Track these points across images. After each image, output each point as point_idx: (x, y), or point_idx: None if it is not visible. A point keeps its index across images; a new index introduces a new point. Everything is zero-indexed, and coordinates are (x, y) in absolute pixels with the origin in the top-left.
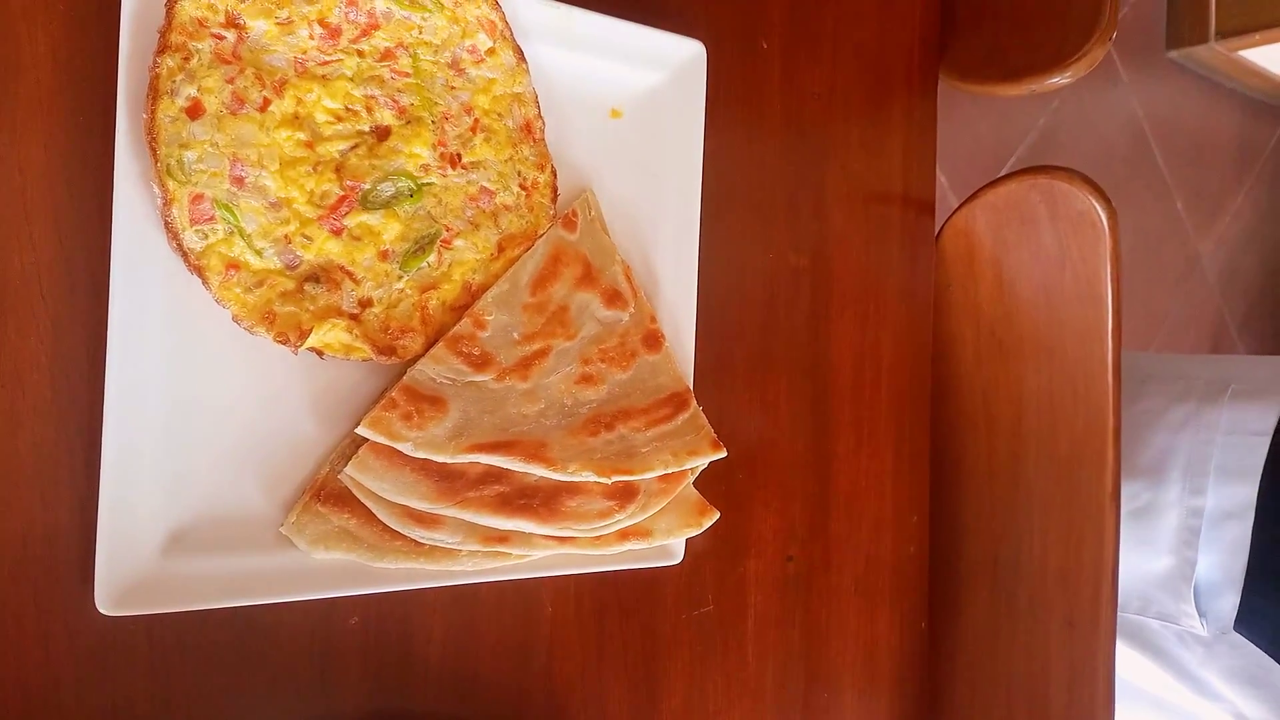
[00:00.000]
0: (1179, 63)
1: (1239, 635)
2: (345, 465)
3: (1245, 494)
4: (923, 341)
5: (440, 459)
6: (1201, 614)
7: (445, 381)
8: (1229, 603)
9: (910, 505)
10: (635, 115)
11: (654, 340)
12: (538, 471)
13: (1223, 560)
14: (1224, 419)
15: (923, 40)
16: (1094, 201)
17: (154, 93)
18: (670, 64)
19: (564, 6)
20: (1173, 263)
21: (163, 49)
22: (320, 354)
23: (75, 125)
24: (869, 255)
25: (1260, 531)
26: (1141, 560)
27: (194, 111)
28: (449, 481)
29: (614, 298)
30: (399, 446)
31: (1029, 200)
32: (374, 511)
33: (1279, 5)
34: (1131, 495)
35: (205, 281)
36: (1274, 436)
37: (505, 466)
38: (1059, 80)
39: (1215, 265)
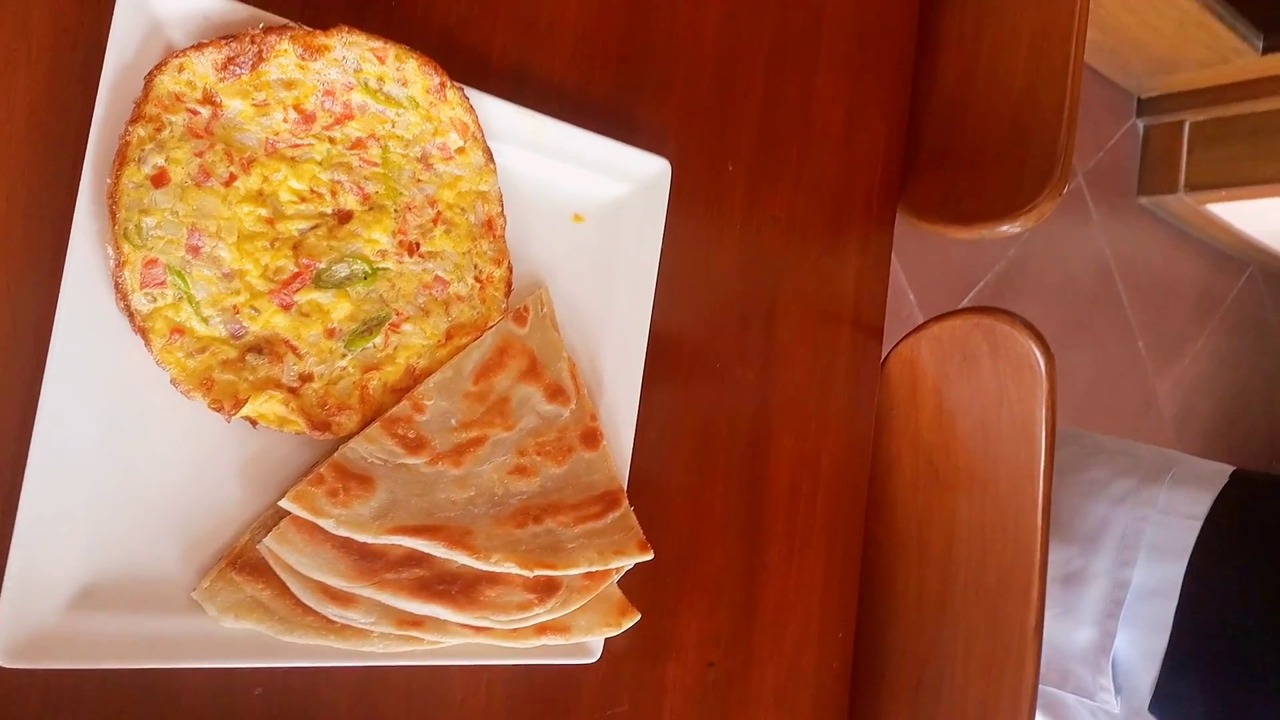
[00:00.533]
0: (1149, 209)
1: (1153, 717)
2: (265, 536)
3: (1172, 574)
4: (861, 462)
5: (362, 538)
6: (1118, 690)
7: (376, 461)
8: (1145, 682)
9: (837, 621)
10: (597, 221)
11: (592, 438)
12: (460, 559)
13: (1143, 637)
14: (1162, 498)
15: (884, 176)
16: (1034, 346)
17: (121, 158)
18: (636, 178)
19: (537, 116)
20: (1131, 399)
21: (136, 118)
22: (254, 423)
23: (39, 180)
24: (815, 373)
25: (1182, 614)
26: (1065, 629)
27: (159, 180)
28: (368, 561)
29: (557, 393)
30: (321, 523)
31: (973, 338)
32: (289, 585)
33: (1245, 165)
34: (1064, 560)
35: (148, 343)
36: (1205, 522)
37: (428, 551)
38: (1008, 229)
39: (1171, 405)
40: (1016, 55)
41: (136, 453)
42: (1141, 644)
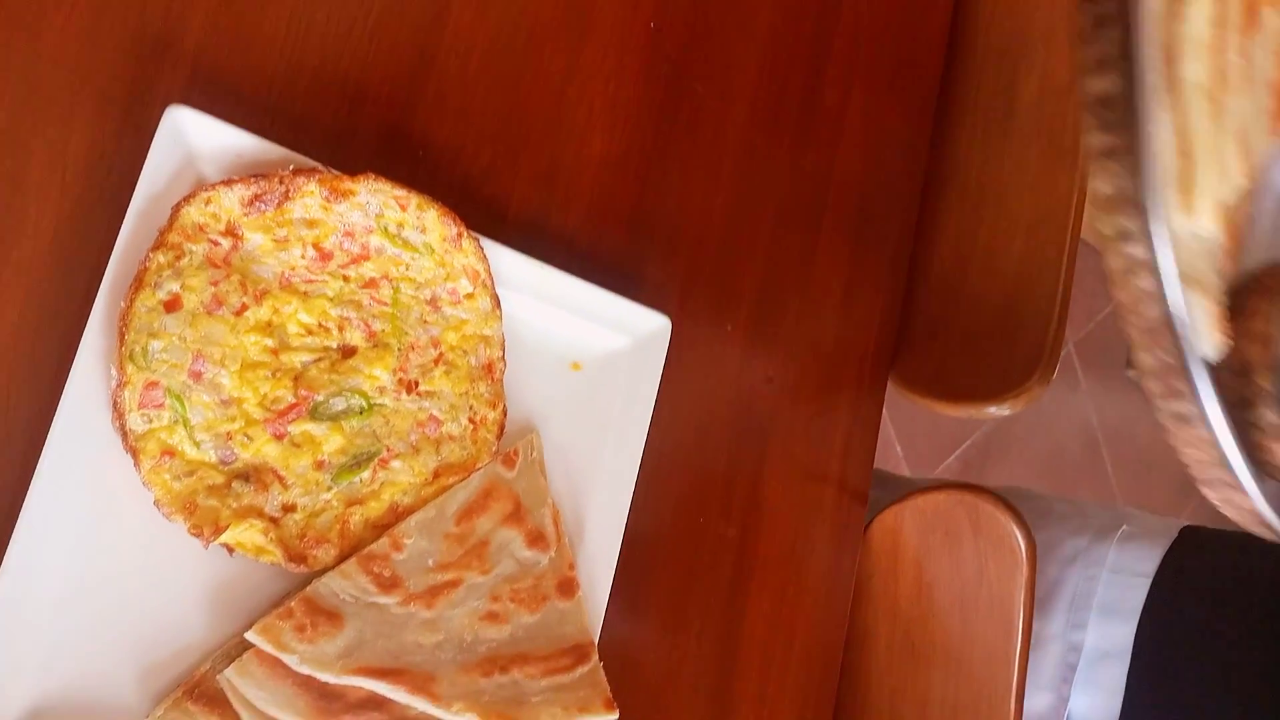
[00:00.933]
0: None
1: None
2: (227, 666)
3: (1123, 635)
4: (838, 629)
5: (324, 677)
6: None
7: (348, 598)
8: None
9: None
10: (594, 371)
11: (568, 587)
12: (420, 705)
13: (1098, 701)
14: (1111, 556)
15: (878, 346)
16: (1016, 530)
17: (138, 282)
18: (636, 332)
19: (546, 268)
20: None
21: (158, 245)
22: (230, 550)
23: (56, 294)
24: (798, 535)
25: (1134, 676)
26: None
27: (171, 305)
28: (328, 701)
29: (537, 539)
30: (285, 658)
31: (956, 514)
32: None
33: None
34: None
35: (137, 463)
36: (1155, 578)
37: (389, 695)
38: (995, 411)
39: None
40: (1013, 241)
41: (109, 570)
42: (1098, 708)
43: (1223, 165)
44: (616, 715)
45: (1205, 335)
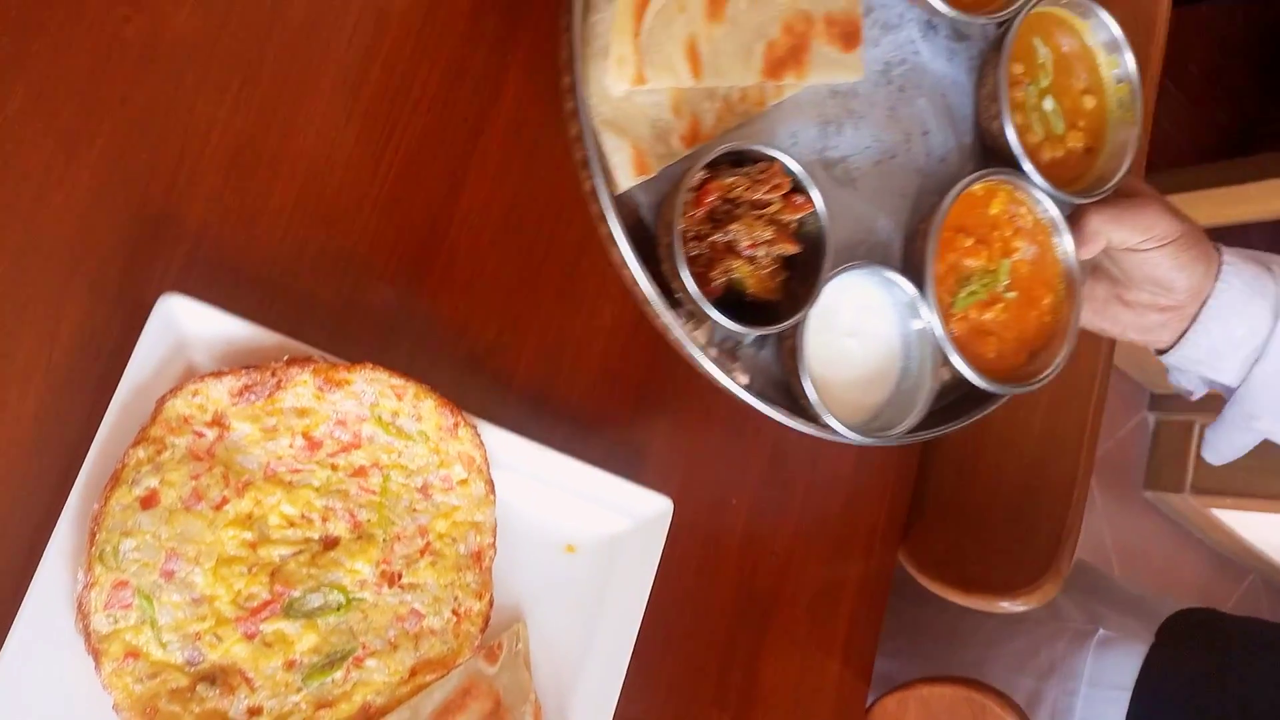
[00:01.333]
0: (1153, 503)
1: None
2: None
3: None
4: None
5: None
6: None
7: None
8: None
9: None
10: (590, 553)
11: None
12: None
13: None
14: (1089, 669)
15: (887, 521)
16: None
17: (115, 480)
18: (637, 514)
19: (545, 450)
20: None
21: (139, 440)
22: None
23: (27, 488)
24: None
25: None
26: None
27: (148, 502)
28: None
29: None
30: None
31: (960, 710)
32: None
33: (1253, 478)
34: None
35: (98, 665)
36: (1135, 691)
37: None
38: (1007, 607)
39: None
40: (1032, 422)
41: None
42: None
43: (668, 60)
44: None
45: (622, 173)
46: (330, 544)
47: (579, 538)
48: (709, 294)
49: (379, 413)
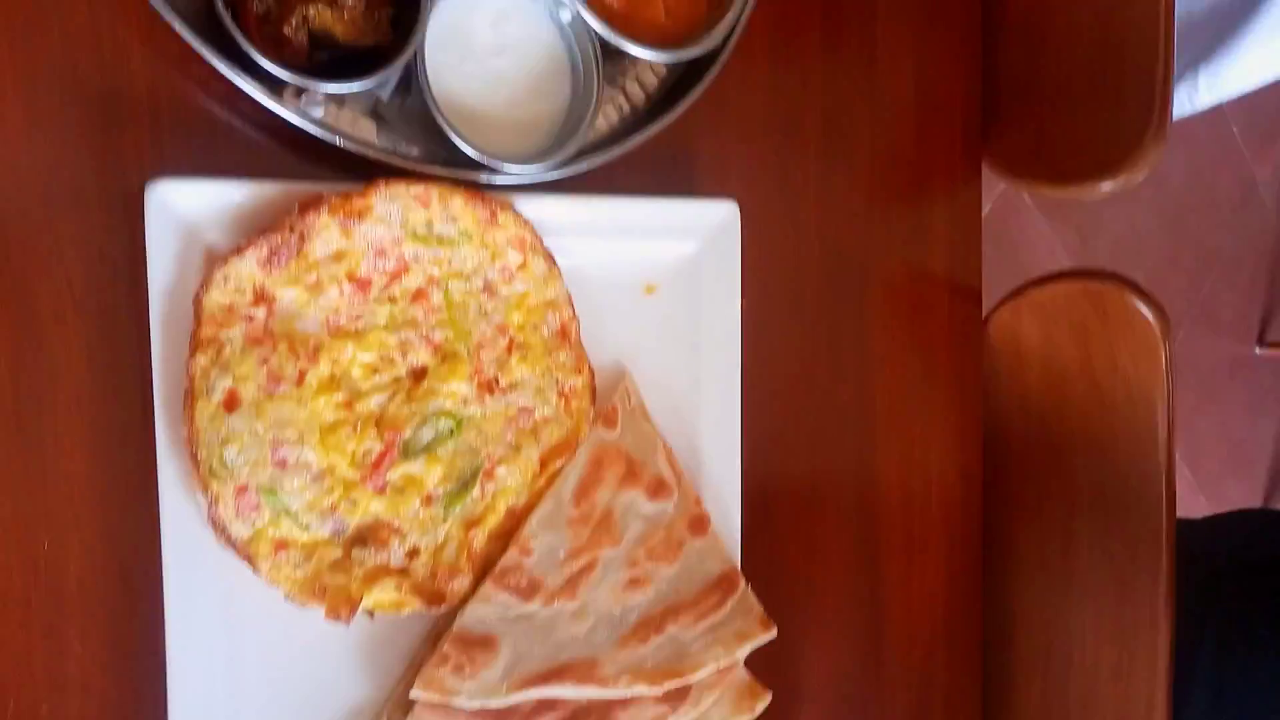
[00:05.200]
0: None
1: None
2: (402, 717)
3: None
4: (974, 442)
5: (495, 704)
6: None
7: (495, 620)
8: None
9: (963, 618)
10: (670, 286)
11: (700, 524)
12: (589, 693)
13: None
14: None
15: (964, 130)
16: (1145, 309)
17: (190, 397)
18: (703, 230)
19: (590, 199)
20: (1227, 193)
21: (195, 349)
22: (371, 615)
23: (114, 429)
24: (914, 371)
25: None
26: None
27: (230, 403)
28: (503, 717)
29: (658, 489)
30: (453, 702)
31: (1079, 305)
32: None
33: None
34: None
35: (255, 567)
36: None
37: (558, 695)
38: (1109, 187)
39: (1273, 190)
40: None
41: (262, 672)
42: None
43: None
44: (774, 633)
45: None
46: (419, 375)
47: (654, 274)
48: (293, 54)
49: (412, 228)
